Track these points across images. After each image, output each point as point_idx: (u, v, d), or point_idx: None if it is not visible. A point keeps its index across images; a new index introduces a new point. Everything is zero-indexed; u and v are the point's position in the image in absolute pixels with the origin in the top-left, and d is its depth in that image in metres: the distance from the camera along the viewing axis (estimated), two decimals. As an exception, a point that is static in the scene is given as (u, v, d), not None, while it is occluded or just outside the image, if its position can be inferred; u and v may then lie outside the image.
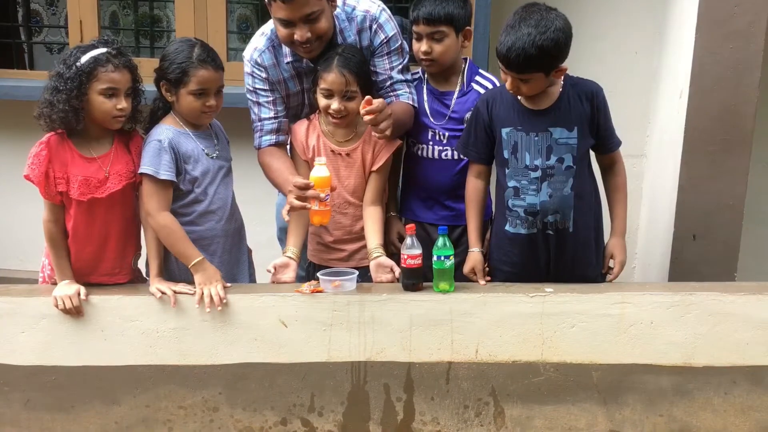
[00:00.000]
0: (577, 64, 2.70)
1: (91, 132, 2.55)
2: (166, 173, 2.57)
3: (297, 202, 2.53)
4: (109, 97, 2.48)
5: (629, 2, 3.67)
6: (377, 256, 2.72)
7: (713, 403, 2.60)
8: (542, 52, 2.39)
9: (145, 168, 2.56)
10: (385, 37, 2.81)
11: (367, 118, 2.51)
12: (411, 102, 2.86)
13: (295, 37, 2.61)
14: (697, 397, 2.60)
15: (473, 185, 2.77)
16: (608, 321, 2.57)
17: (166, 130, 2.63)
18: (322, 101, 2.70)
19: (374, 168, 2.81)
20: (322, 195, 2.50)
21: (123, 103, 2.50)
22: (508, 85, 2.55)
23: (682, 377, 2.58)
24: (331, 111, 2.68)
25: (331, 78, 2.64)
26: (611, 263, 2.74)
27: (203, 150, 2.67)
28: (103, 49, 2.48)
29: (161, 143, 2.58)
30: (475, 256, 2.74)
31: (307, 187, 2.50)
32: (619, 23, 3.65)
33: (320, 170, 2.54)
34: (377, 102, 2.52)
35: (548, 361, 2.59)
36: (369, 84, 2.75)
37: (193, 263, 2.58)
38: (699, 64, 3.06)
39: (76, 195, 2.51)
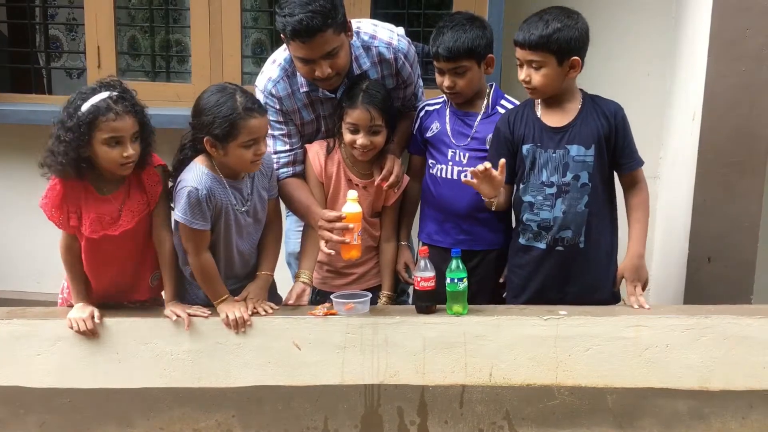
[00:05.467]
0: (589, 86, 2.72)
1: (104, 172, 2.48)
2: (199, 223, 2.49)
3: (335, 237, 2.57)
4: (114, 146, 2.38)
5: (641, 24, 3.68)
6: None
7: (730, 427, 2.56)
8: (555, 31, 2.48)
9: (179, 217, 2.49)
10: (410, 67, 2.87)
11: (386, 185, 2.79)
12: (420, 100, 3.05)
13: (316, 73, 2.61)
14: (714, 421, 2.57)
15: None
16: (623, 344, 2.55)
17: (204, 176, 2.49)
18: (347, 136, 2.73)
19: (387, 203, 2.91)
20: (356, 230, 2.57)
21: (129, 150, 2.39)
22: (521, 75, 2.57)
23: (699, 401, 2.56)
24: (357, 146, 2.72)
25: (356, 114, 2.68)
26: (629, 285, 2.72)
27: (233, 204, 2.57)
28: (105, 94, 2.37)
29: (198, 192, 2.45)
30: None
31: (338, 220, 2.56)
32: (631, 45, 3.66)
33: (352, 206, 2.59)
34: (394, 176, 2.78)
35: (563, 384, 2.57)
36: (393, 117, 2.80)
37: (219, 300, 2.59)
38: (711, 86, 3.06)
39: (87, 233, 2.48)
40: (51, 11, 4.66)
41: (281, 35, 2.61)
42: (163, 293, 2.71)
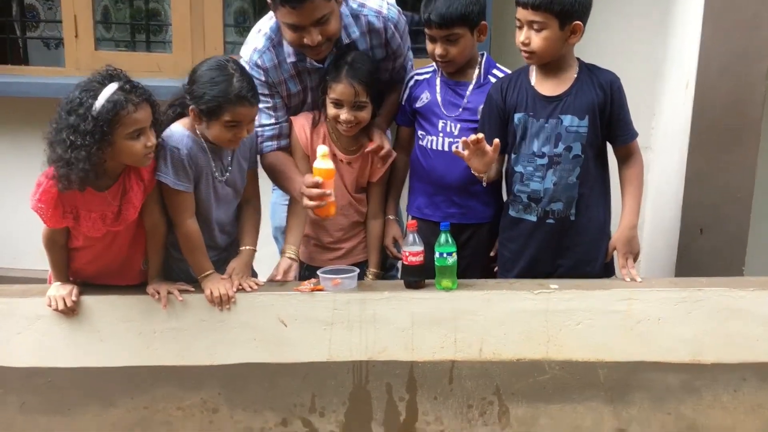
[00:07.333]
0: (579, 54, 2.65)
1: (105, 167, 2.33)
2: (183, 185, 2.44)
3: (311, 203, 2.51)
4: (137, 138, 2.25)
5: (633, -10, 3.61)
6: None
7: (722, 400, 2.55)
8: None
9: (162, 176, 2.41)
10: (400, 37, 2.79)
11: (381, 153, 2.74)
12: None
13: (305, 41, 2.54)
14: (706, 394, 2.55)
15: None
16: (615, 318, 2.52)
17: (186, 138, 2.45)
18: (331, 110, 2.67)
19: (373, 179, 2.85)
20: (329, 191, 2.50)
21: (152, 139, 2.28)
22: (520, 37, 2.50)
23: (691, 374, 2.54)
24: (341, 121, 2.65)
25: (340, 89, 2.61)
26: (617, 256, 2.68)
27: (213, 170, 2.53)
28: (115, 86, 2.22)
29: (179, 152, 2.41)
30: None
31: (316, 185, 2.49)
32: (623, 12, 3.59)
33: (324, 162, 2.51)
34: (377, 143, 2.72)
35: (553, 359, 2.54)
36: (379, 91, 2.73)
37: (203, 275, 2.53)
38: (705, 54, 3.00)
39: (89, 232, 2.38)
40: (26, -21, 4.53)
41: (268, 1, 2.53)
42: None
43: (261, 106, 2.71)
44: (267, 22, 2.73)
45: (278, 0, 2.45)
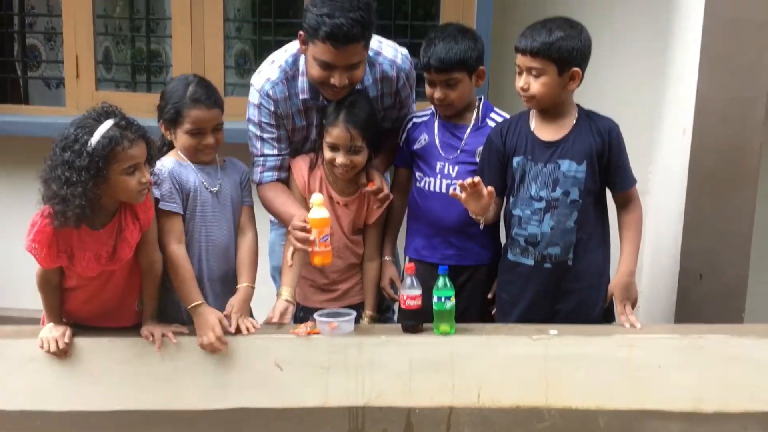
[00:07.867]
0: (578, 98, 2.66)
1: (101, 205, 2.33)
2: (169, 204, 2.50)
3: (298, 245, 2.52)
4: (132, 174, 2.26)
5: (630, 35, 3.64)
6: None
7: (724, 450, 2.51)
8: (558, 39, 2.43)
9: (155, 192, 2.48)
10: (410, 89, 2.85)
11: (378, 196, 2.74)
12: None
13: (332, 80, 2.55)
14: (708, 444, 2.51)
15: None
16: (615, 364, 2.49)
17: (169, 162, 2.55)
18: (327, 154, 2.68)
19: (369, 222, 2.85)
20: (318, 237, 2.48)
21: (146, 176, 2.29)
22: (519, 83, 2.52)
23: (692, 423, 2.49)
24: (336, 164, 2.66)
25: (336, 133, 2.62)
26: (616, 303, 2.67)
27: (203, 182, 2.58)
28: (110, 122, 2.23)
29: (162, 173, 2.50)
30: None
31: (304, 230, 2.48)
32: (620, 56, 3.62)
33: (318, 212, 2.51)
34: (378, 184, 2.71)
35: (553, 406, 2.50)
36: (376, 136, 2.73)
37: (191, 306, 2.51)
38: (702, 99, 3.02)
39: (84, 272, 2.36)
40: (29, 20, 4.58)
41: (301, 34, 2.55)
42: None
43: (265, 136, 2.75)
44: (282, 55, 2.75)
45: (321, 36, 2.45)
